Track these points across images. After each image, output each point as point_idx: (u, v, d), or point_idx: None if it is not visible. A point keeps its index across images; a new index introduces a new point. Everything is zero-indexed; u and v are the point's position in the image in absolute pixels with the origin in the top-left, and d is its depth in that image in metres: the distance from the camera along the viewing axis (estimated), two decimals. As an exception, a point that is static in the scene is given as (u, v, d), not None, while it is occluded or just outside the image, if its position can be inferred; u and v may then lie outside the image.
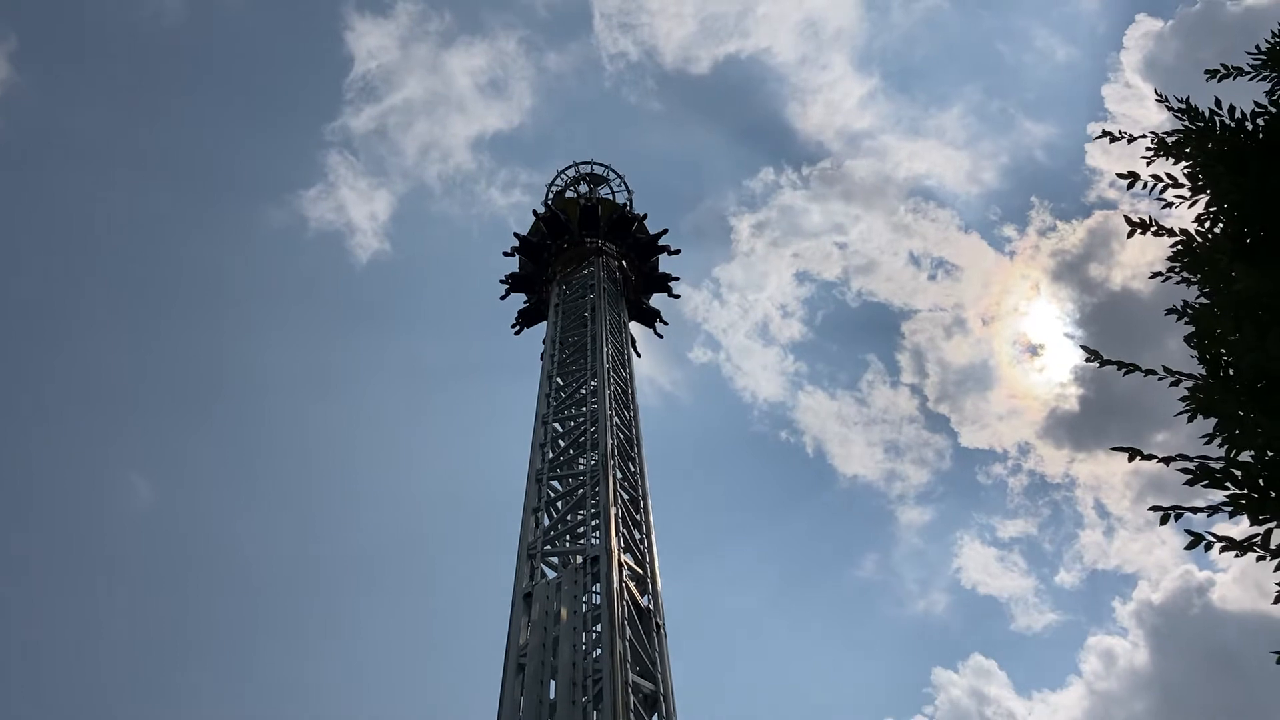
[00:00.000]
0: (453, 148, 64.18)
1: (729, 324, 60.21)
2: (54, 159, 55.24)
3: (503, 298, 30.59)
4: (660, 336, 30.22)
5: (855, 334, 62.57)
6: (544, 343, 25.73)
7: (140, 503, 49.75)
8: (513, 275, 30.66)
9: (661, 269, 30.72)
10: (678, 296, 31.16)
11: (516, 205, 60.89)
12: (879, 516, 56.68)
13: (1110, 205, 58.06)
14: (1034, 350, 60.02)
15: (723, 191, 67.46)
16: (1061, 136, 62.59)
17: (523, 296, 30.39)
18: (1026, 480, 55.66)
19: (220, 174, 61.12)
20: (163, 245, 58.99)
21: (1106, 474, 62.88)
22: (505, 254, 30.81)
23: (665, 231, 30.61)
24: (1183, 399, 4.79)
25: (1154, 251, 52.81)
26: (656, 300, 30.59)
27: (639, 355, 27.18)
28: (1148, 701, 46.13)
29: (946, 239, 59.13)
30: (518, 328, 29.90)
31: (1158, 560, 54.79)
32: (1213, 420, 4.67)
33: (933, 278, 59.36)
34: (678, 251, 30.91)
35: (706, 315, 56.99)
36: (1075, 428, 53.35)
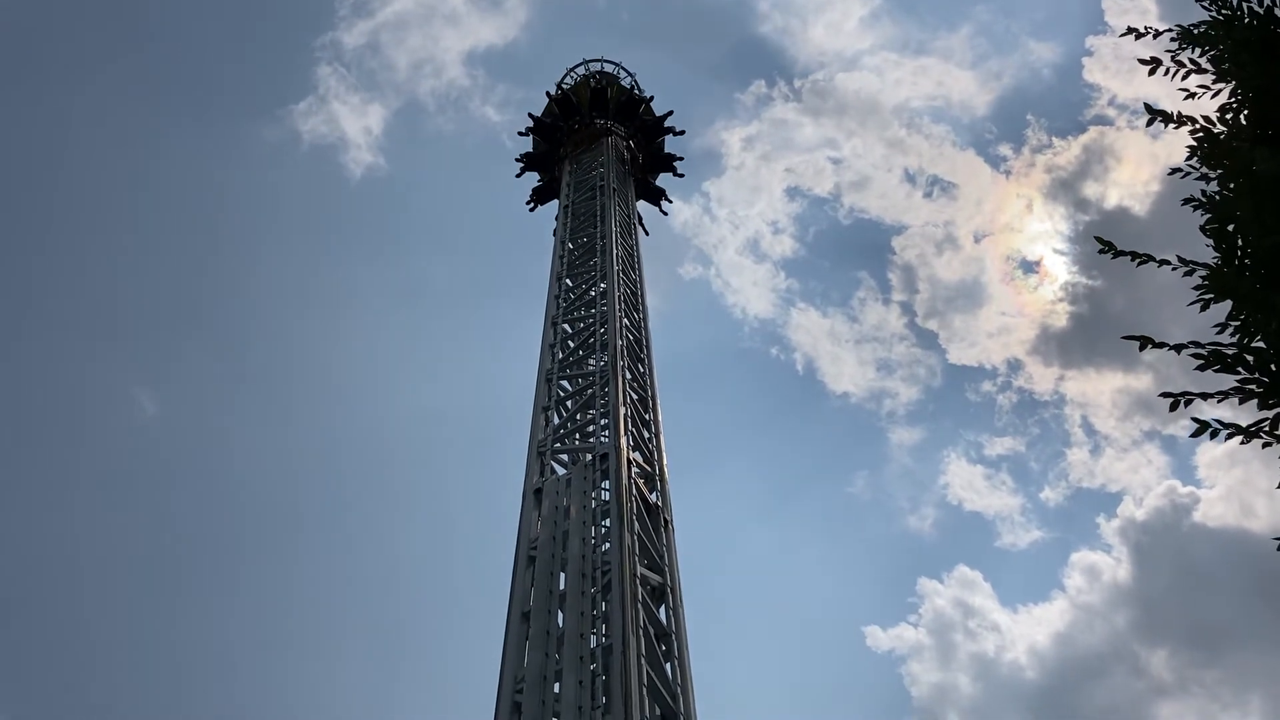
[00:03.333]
0: (446, 63, 62.51)
1: (719, 240, 59.20)
2: (40, 71, 54.09)
3: (518, 175, 31.93)
4: (665, 215, 32.08)
5: (847, 251, 61.36)
6: (554, 235, 25.95)
7: (144, 417, 50.09)
8: (527, 155, 31.79)
9: (667, 150, 31.75)
10: (682, 176, 32.38)
11: (510, 123, 59.83)
12: (869, 434, 56.68)
13: (1107, 122, 56.64)
14: (1026, 267, 59.27)
15: (714, 105, 65.80)
16: (1062, 54, 60.60)
17: (536, 175, 31.69)
18: (1015, 398, 55.28)
19: (215, 86, 59.59)
20: (154, 159, 57.99)
21: (1094, 392, 62.92)
22: (520, 134, 31.96)
23: (671, 113, 31.39)
24: (1196, 287, 4.81)
25: (1149, 168, 51.88)
26: (662, 180, 31.85)
27: (646, 233, 28.46)
28: (1129, 615, 47.04)
29: (942, 155, 57.58)
30: (532, 205, 31.32)
31: (1143, 479, 54.98)
32: (1224, 313, 4.69)
33: (928, 195, 57.91)
34: (682, 133, 31.88)
35: (696, 231, 56.12)
36: (1065, 345, 52.97)
